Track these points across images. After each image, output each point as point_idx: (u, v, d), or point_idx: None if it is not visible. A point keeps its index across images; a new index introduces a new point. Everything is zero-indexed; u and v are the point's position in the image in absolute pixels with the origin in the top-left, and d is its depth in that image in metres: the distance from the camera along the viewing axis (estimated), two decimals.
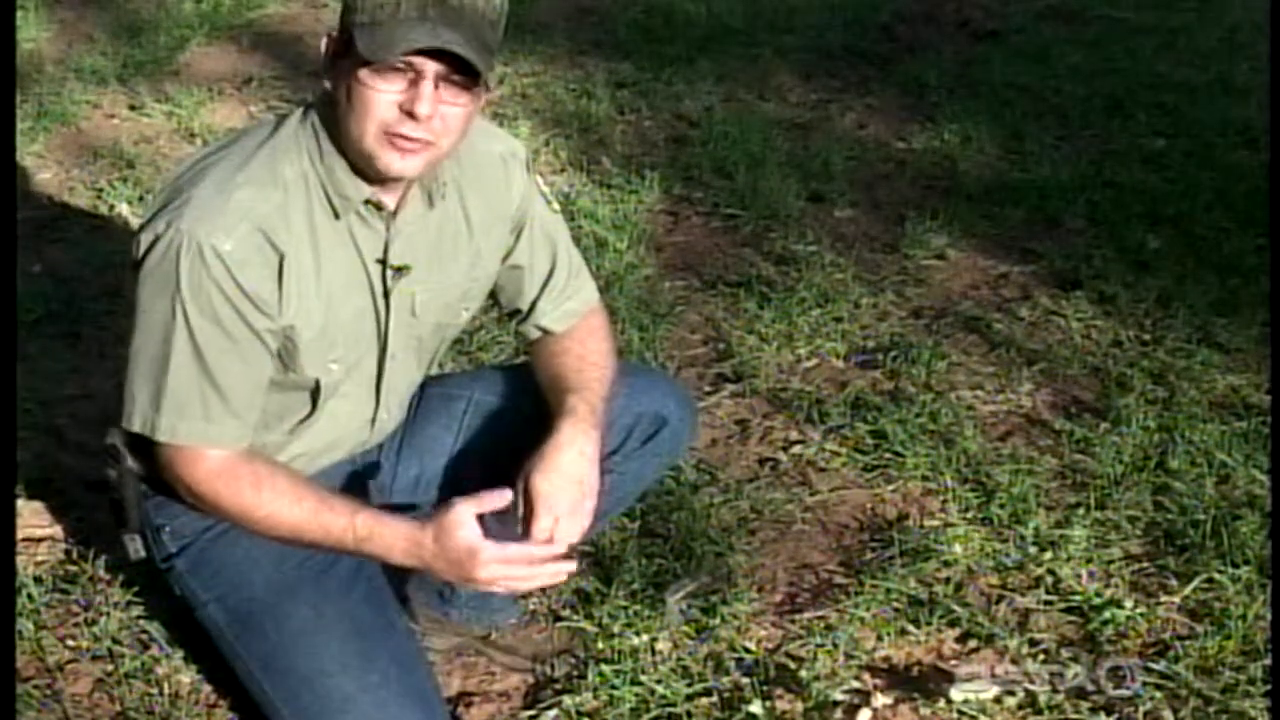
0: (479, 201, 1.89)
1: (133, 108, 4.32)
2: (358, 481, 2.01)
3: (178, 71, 4.63)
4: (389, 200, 1.78)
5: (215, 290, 1.69)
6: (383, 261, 1.81)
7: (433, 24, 1.61)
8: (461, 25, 1.63)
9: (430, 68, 1.64)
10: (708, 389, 2.91)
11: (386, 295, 1.84)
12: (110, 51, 4.77)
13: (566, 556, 1.78)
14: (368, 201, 1.76)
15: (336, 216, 1.76)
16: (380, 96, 1.65)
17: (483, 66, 1.64)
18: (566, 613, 2.23)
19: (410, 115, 1.65)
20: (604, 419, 1.90)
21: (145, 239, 1.71)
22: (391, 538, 1.76)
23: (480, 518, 1.72)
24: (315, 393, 1.85)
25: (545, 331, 2.02)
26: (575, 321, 2.03)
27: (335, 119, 1.71)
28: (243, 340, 1.73)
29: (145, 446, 1.82)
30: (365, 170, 1.73)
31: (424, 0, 1.61)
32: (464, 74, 1.65)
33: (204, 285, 1.68)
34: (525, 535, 1.78)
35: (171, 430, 1.76)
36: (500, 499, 1.74)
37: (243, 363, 1.75)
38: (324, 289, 1.77)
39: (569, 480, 1.81)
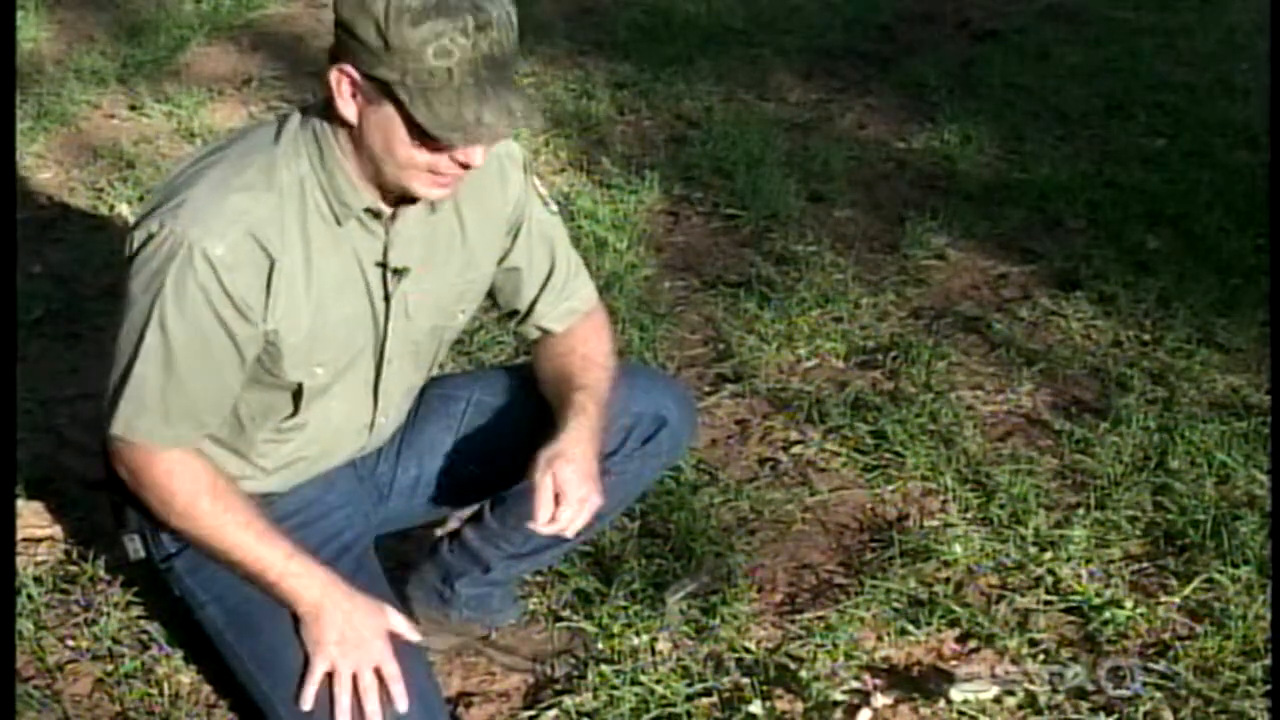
0: (474, 204, 1.88)
1: (133, 108, 4.31)
2: (358, 488, 2.02)
3: (178, 71, 4.63)
4: (387, 206, 1.78)
5: (199, 294, 1.68)
6: (382, 265, 1.81)
7: (492, 89, 1.61)
8: (510, 80, 1.63)
9: None
10: (708, 389, 2.91)
11: (387, 299, 1.83)
12: (110, 51, 4.77)
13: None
14: (367, 209, 1.76)
15: (339, 223, 1.76)
16: (438, 159, 1.66)
17: (534, 115, 1.67)
18: (566, 613, 2.23)
19: (463, 165, 1.67)
20: (603, 421, 1.90)
21: (139, 236, 1.71)
22: (314, 578, 1.79)
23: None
24: (297, 395, 1.84)
25: (545, 332, 2.03)
26: (575, 321, 2.03)
27: (355, 144, 1.70)
28: (217, 346, 1.72)
29: None
30: (386, 190, 1.74)
31: (474, 61, 1.59)
32: None
33: (189, 288, 1.68)
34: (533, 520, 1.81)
35: (127, 424, 1.76)
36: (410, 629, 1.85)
37: (213, 368, 1.74)
38: (314, 294, 1.76)
39: (583, 475, 1.82)
